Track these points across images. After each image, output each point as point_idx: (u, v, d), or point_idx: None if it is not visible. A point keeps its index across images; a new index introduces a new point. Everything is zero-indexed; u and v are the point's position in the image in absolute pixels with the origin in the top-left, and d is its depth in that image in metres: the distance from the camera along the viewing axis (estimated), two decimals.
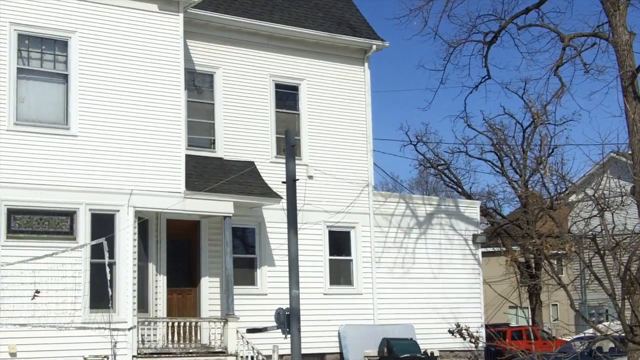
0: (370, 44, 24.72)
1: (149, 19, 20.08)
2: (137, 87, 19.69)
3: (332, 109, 24.05)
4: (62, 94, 18.98)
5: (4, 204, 17.97)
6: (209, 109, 22.15)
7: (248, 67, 22.80)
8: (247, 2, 23.55)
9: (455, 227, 26.03)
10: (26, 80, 18.63)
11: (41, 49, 18.88)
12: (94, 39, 19.30)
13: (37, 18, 18.73)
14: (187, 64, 21.17)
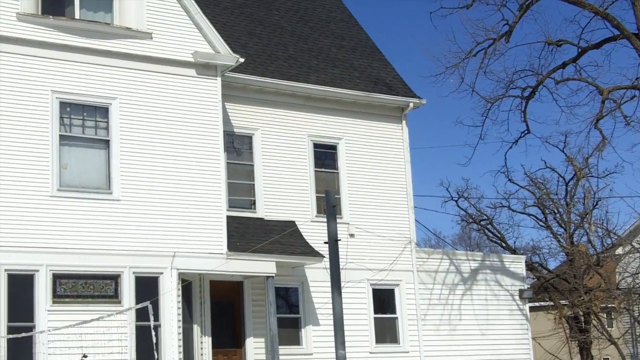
0: (407, 102, 24.93)
1: (187, 84, 20.49)
2: (178, 150, 20.02)
3: (371, 166, 24.21)
4: (104, 159, 19.35)
5: (50, 269, 18.23)
6: (248, 170, 22.41)
7: (286, 127, 23.09)
8: (283, 64, 23.95)
9: (501, 283, 25.86)
10: (68, 146, 19.04)
11: (83, 115, 19.33)
12: (134, 104, 19.72)
13: (78, 86, 19.21)
14: (226, 127, 21.51)
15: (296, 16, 26.84)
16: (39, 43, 18.94)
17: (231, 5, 25.73)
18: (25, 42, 18.80)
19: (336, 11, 28.24)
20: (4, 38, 18.59)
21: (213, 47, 20.82)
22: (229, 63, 20.95)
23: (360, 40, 27.24)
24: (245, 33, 24.68)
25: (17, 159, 18.30)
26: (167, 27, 20.44)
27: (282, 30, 25.75)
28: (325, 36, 26.56)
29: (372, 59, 26.52)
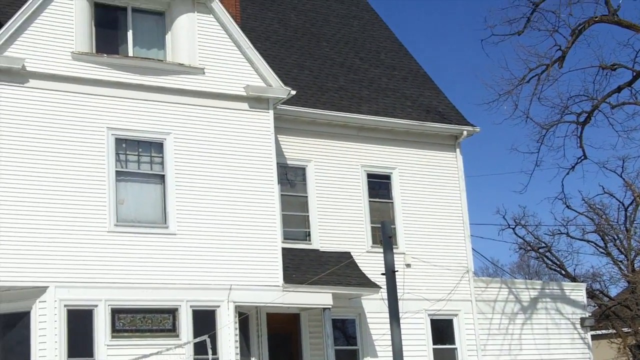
0: (460, 130, 24.90)
1: (240, 117, 20.70)
2: (232, 183, 20.20)
3: (426, 195, 24.16)
4: (159, 194, 19.60)
5: (108, 304, 18.45)
6: (302, 202, 22.50)
7: (339, 158, 23.19)
8: (334, 95, 24.09)
9: (561, 311, 25.55)
10: (125, 182, 19.33)
11: (138, 151, 19.62)
12: (188, 139, 19.97)
13: (133, 122, 19.53)
14: (279, 159, 21.67)
15: (346, 48, 27.01)
16: (94, 81, 19.31)
17: (281, 39, 26.00)
18: (81, 80, 19.19)
19: (386, 41, 28.37)
20: (60, 77, 18.99)
21: (265, 80, 21.04)
22: (280, 96, 21.14)
23: (412, 70, 27.31)
24: (296, 66, 24.90)
25: (75, 196, 18.62)
26: (219, 62, 20.71)
27: (332, 62, 25.93)
28: (376, 66, 26.68)
29: (424, 87, 26.56)
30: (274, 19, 26.91)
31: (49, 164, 18.50)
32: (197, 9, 20.68)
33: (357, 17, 29.09)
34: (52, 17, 19.15)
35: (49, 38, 19.04)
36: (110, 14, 20.28)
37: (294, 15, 27.59)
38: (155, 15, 20.75)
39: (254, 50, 21.12)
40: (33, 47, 18.86)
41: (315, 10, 28.47)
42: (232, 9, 22.73)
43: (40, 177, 18.38)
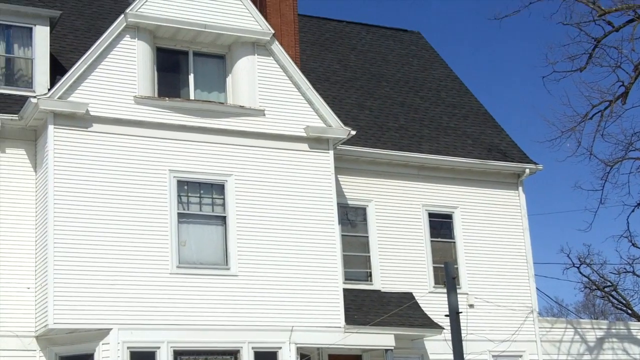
0: (523, 168, 24.63)
1: (300, 158, 20.74)
2: (293, 224, 20.19)
3: (489, 235, 23.89)
4: (221, 235, 19.66)
5: (170, 346, 18.48)
6: (363, 242, 22.39)
7: (400, 198, 23.07)
8: (395, 135, 24.03)
9: (628, 351, 25.00)
10: (187, 224, 19.43)
11: (200, 193, 19.74)
12: (249, 180, 20.05)
13: (194, 164, 19.68)
14: (340, 199, 21.62)
15: (406, 87, 26.98)
16: (156, 124, 19.54)
17: (341, 79, 26.07)
18: (143, 124, 19.43)
19: (447, 80, 28.28)
20: (123, 121, 19.24)
21: (324, 121, 21.08)
22: (340, 136, 21.15)
23: (472, 108, 27.16)
24: (355, 105, 24.92)
25: (138, 238, 18.77)
26: (279, 103, 20.82)
27: (392, 101, 25.90)
28: (436, 105, 26.58)
29: (485, 126, 26.37)
30: (334, 59, 27.02)
31: (111, 206, 18.70)
32: (257, 52, 20.85)
33: (416, 56, 29.07)
34: (115, 62, 19.46)
35: (112, 83, 19.33)
36: (172, 58, 20.57)
37: (354, 56, 27.67)
38: (216, 59, 20.97)
39: (314, 91, 21.20)
40: (96, 91, 19.16)
41: (375, 50, 28.53)
42: (292, 50, 22.87)
43: (103, 220, 18.57)
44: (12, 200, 18.94)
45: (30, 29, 20.24)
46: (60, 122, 18.66)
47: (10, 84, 19.94)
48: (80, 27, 22.93)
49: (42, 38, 20.24)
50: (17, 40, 20.21)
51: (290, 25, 23.55)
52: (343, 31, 28.93)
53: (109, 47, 19.47)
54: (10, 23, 20.14)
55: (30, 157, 19.28)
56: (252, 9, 20.90)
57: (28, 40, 20.20)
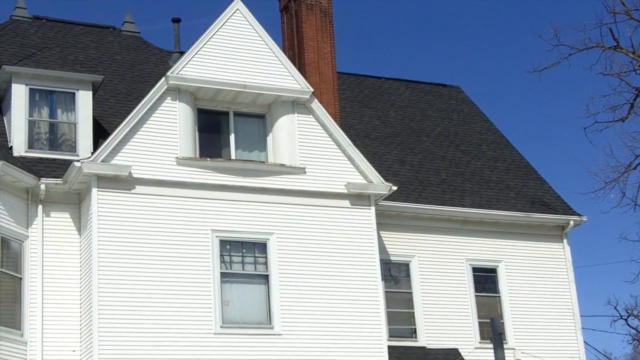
0: (567, 220, 24.45)
1: (342, 215, 20.80)
2: (336, 281, 20.21)
3: (534, 288, 23.68)
4: (264, 294, 19.71)
5: None
6: (407, 298, 22.30)
7: (443, 253, 22.98)
8: (436, 189, 24.02)
9: None
10: (229, 283, 19.52)
11: (242, 252, 19.85)
12: (291, 238, 20.14)
13: (236, 223, 19.83)
14: (382, 255, 21.60)
15: (446, 141, 27.02)
16: (198, 185, 19.75)
17: (381, 135, 26.19)
18: (185, 184, 19.65)
19: (487, 133, 28.28)
20: (165, 182, 19.49)
21: (365, 177, 21.16)
22: (382, 192, 21.20)
23: (514, 161, 27.09)
24: (396, 161, 24.99)
25: (181, 298, 18.88)
26: (319, 160, 20.97)
27: (433, 156, 25.94)
28: (478, 159, 26.56)
29: (527, 178, 26.27)
30: (373, 116, 27.18)
31: (155, 267, 18.86)
32: (297, 110, 21.08)
33: (456, 111, 29.15)
34: (156, 125, 19.77)
35: (154, 144, 19.63)
36: (213, 119, 20.85)
37: (393, 112, 27.82)
38: (256, 118, 21.23)
39: (354, 148, 21.32)
40: (139, 154, 19.46)
41: (414, 105, 28.66)
42: (331, 108, 23.07)
43: (147, 281, 18.73)
44: (57, 264, 19.18)
45: (73, 94, 20.68)
46: (104, 185, 18.94)
47: (54, 148, 20.33)
48: (122, 90, 23.36)
49: (85, 102, 20.66)
50: (61, 105, 20.64)
51: (330, 83, 23.79)
52: (382, 87, 29.14)
53: (151, 110, 19.80)
54: (53, 89, 20.60)
55: (75, 220, 19.57)
56: (291, 68, 21.18)
57: (71, 105, 20.62)
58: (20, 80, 20.30)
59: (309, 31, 23.93)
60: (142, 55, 25.40)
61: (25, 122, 20.08)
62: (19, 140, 19.90)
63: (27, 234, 18.97)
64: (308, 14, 24.00)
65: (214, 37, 20.77)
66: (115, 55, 24.98)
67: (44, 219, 19.27)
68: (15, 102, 20.12)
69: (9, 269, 18.48)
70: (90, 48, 24.88)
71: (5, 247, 18.46)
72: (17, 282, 18.59)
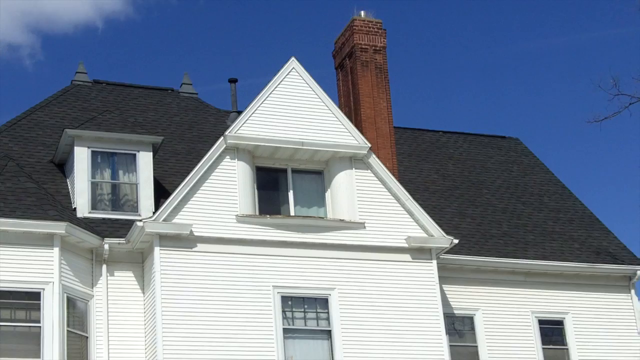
0: (634, 270, 24.43)
1: (403, 269, 21.11)
2: (399, 335, 20.43)
3: (602, 339, 23.60)
4: (327, 349, 20.02)
5: None
6: (472, 352, 22.38)
7: (508, 305, 23.07)
8: (499, 242, 24.21)
9: None
10: (292, 339, 19.87)
11: (304, 308, 20.23)
12: (352, 293, 20.48)
13: (297, 279, 20.25)
14: (446, 308, 21.79)
15: (507, 193, 27.24)
16: (258, 241, 20.25)
17: (440, 188, 26.53)
18: (245, 241, 20.17)
19: (549, 184, 28.46)
20: (226, 240, 20.03)
21: (426, 231, 21.47)
22: (443, 245, 21.48)
23: (577, 211, 27.19)
24: (457, 214, 25.27)
25: (246, 355, 19.21)
26: (378, 215, 21.36)
27: (494, 208, 26.17)
28: (540, 210, 26.71)
29: (591, 228, 26.32)
30: (432, 169, 27.56)
31: (218, 324, 19.30)
32: (354, 166, 21.55)
33: (516, 162, 29.41)
34: (216, 183, 20.39)
35: (214, 203, 20.22)
36: (271, 176, 21.42)
37: (452, 165, 28.18)
38: (314, 175, 21.74)
39: (413, 202, 21.68)
40: (199, 212, 20.05)
41: (473, 158, 28.99)
42: (389, 162, 23.51)
43: (211, 338, 19.14)
44: (122, 322, 19.69)
45: (134, 155, 21.44)
46: (166, 244, 19.54)
47: (116, 209, 21.04)
48: (181, 150, 24.11)
49: (146, 163, 21.40)
50: (122, 166, 21.40)
51: (387, 138, 24.28)
52: (440, 141, 29.56)
53: (210, 169, 20.43)
54: (115, 150, 21.39)
55: (138, 279, 20.15)
56: (347, 124, 21.72)
57: (132, 166, 21.38)
58: (83, 143, 21.13)
59: (364, 87, 24.52)
60: (200, 115, 26.22)
61: (88, 184, 20.87)
62: (82, 201, 20.66)
63: (92, 294, 19.62)
64: (363, 71, 24.62)
65: (271, 95, 21.43)
66: (174, 116, 25.83)
67: (108, 278, 19.88)
68: (78, 164, 20.93)
69: (76, 328, 19.06)
70: (150, 110, 25.78)
71: (71, 307, 19.08)
72: (84, 341, 19.18)
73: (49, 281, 18.71)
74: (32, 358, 18.16)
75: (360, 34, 24.72)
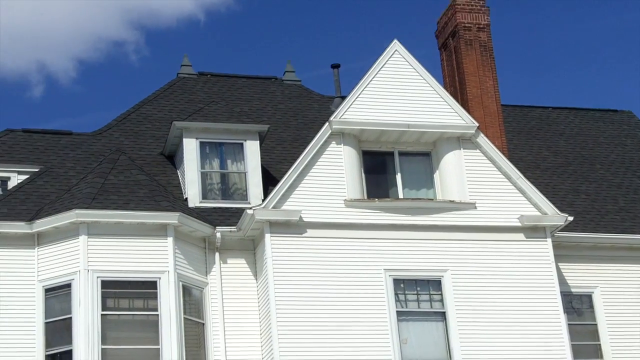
0: None
1: (515, 248, 20.98)
2: (514, 315, 20.34)
3: None
4: (442, 331, 20.06)
5: None
6: (592, 330, 22.10)
7: (627, 282, 22.65)
8: (615, 217, 23.82)
9: None
10: (406, 321, 19.98)
11: (416, 290, 20.31)
12: (465, 274, 20.46)
13: (408, 262, 20.33)
14: (562, 287, 21.49)
15: (622, 168, 26.75)
16: (368, 225, 20.40)
17: (552, 165, 26.22)
18: (355, 226, 20.34)
19: None
20: (334, 225, 20.25)
21: (539, 209, 21.27)
22: (557, 223, 21.26)
23: None
24: (570, 191, 24.95)
25: (359, 338, 19.43)
26: (489, 195, 21.26)
27: (609, 184, 25.73)
28: None
29: None
30: (542, 146, 27.25)
31: (330, 308, 19.55)
32: (463, 146, 21.50)
33: (629, 136, 28.84)
34: (323, 169, 20.62)
35: (322, 189, 20.46)
36: (378, 160, 21.54)
37: (563, 141, 27.80)
38: (422, 156, 21.77)
39: (525, 180, 21.51)
40: (308, 198, 20.31)
41: (584, 133, 28.55)
42: (498, 141, 23.37)
43: (324, 323, 19.41)
44: (236, 308, 20.10)
45: (242, 144, 21.85)
46: (276, 230, 19.86)
47: (226, 197, 21.49)
48: (287, 138, 24.45)
49: (253, 152, 21.78)
50: (230, 156, 21.84)
51: (494, 117, 24.14)
52: (549, 117, 29.19)
53: (317, 155, 20.66)
54: (222, 140, 21.84)
55: (250, 266, 20.54)
56: (454, 104, 21.68)
57: (240, 155, 21.79)
58: (191, 134, 21.64)
59: (469, 66, 24.42)
60: (304, 102, 26.52)
61: (198, 174, 21.36)
62: (193, 192, 21.17)
63: (206, 281, 20.10)
64: (467, 50, 24.52)
65: (375, 79, 21.54)
66: (278, 104, 26.20)
67: (222, 265, 20.33)
68: (187, 155, 21.45)
69: (192, 316, 19.56)
70: (255, 99, 26.21)
71: (187, 295, 19.60)
72: (200, 328, 19.68)
73: (164, 270, 19.27)
74: (151, 345, 18.75)
75: (463, 12, 24.62)
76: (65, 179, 21.23)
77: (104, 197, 19.64)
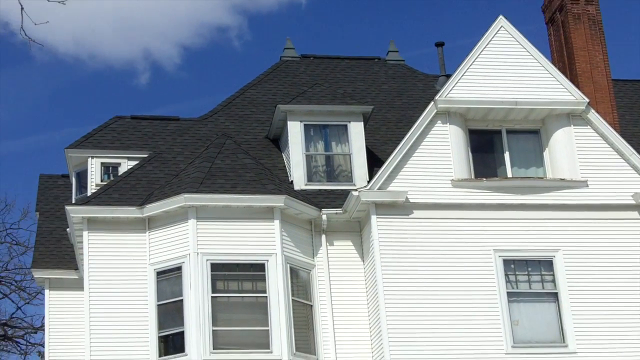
0: None
1: (630, 227, 20.66)
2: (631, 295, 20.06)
3: None
4: (554, 312, 19.91)
5: None
6: None
7: None
8: None
9: None
10: (517, 302, 19.88)
11: (527, 270, 20.18)
12: (577, 253, 20.26)
13: (518, 242, 20.21)
14: None
15: None
16: (476, 205, 20.35)
17: None
18: (463, 206, 20.33)
19: None
20: (442, 205, 20.28)
21: None
22: None
23: None
24: None
25: (468, 319, 19.48)
26: (601, 172, 20.98)
27: None
28: None
29: None
30: None
31: (439, 289, 19.61)
32: (573, 122, 21.22)
33: None
34: (429, 149, 20.63)
35: (428, 169, 20.50)
36: (485, 138, 21.41)
37: None
38: (530, 134, 21.55)
39: (638, 156, 21.11)
40: (414, 179, 20.37)
41: None
42: (609, 117, 22.98)
43: (432, 303, 19.50)
44: (344, 290, 20.33)
45: (346, 126, 22.00)
46: (382, 212, 19.98)
47: (331, 179, 21.69)
48: (392, 118, 24.49)
49: (357, 133, 21.90)
50: (334, 138, 22.01)
51: (605, 92, 23.74)
52: None
53: (422, 135, 20.67)
54: (326, 123, 22.03)
55: (357, 247, 20.70)
56: (563, 80, 21.40)
57: (344, 136, 21.94)
58: (295, 117, 21.88)
59: (578, 41, 24.05)
60: (408, 82, 26.50)
61: (303, 157, 21.61)
62: (298, 174, 21.43)
63: (313, 263, 20.35)
64: (576, 24, 24.15)
65: (480, 56, 21.40)
66: (382, 84, 26.24)
67: (328, 247, 20.54)
68: (292, 138, 21.71)
69: (300, 297, 19.87)
70: (358, 80, 26.30)
71: (295, 277, 19.90)
72: (308, 309, 19.97)
73: (272, 252, 19.61)
74: (260, 327, 19.13)
75: None
76: (173, 163, 21.73)
77: (212, 181, 20.05)
